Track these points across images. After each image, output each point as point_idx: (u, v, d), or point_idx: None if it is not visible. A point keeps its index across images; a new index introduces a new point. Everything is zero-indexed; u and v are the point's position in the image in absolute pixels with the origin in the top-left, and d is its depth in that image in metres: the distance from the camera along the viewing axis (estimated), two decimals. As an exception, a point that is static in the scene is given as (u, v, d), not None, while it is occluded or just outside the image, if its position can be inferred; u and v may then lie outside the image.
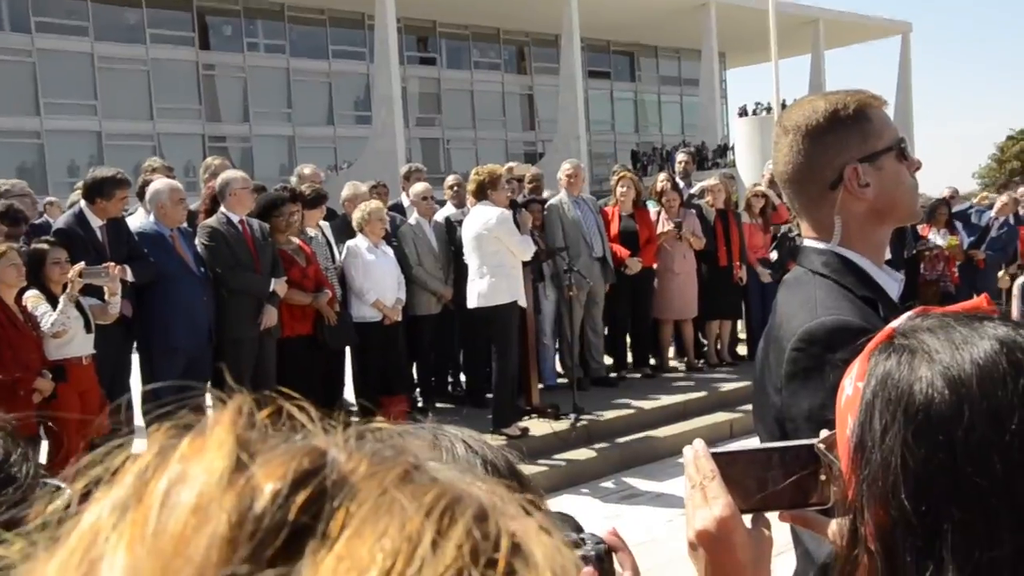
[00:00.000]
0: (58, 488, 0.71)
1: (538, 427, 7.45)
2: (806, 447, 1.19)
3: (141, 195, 6.97)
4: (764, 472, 1.18)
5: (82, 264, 5.49)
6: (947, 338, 0.91)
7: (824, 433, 1.20)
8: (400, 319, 7.59)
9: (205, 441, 0.37)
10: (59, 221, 6.43)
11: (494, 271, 7.04)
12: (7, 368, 5.06)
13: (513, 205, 7.11)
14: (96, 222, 6.17)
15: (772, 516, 1.19)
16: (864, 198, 1.68)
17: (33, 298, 5.44)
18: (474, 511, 0.36)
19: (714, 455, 1.16)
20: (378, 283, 7.42)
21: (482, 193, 7.08)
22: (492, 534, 0.35)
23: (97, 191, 6.16)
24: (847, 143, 1.67)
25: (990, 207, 11.11)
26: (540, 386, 8.16)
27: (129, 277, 5.96)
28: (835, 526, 1.13)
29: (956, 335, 0.91)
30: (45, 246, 5.61)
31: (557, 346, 9.10)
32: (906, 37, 49.43)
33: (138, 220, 6.94)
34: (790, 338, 1.60)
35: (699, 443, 1.19)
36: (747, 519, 1.15)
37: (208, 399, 0.46)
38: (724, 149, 40.74)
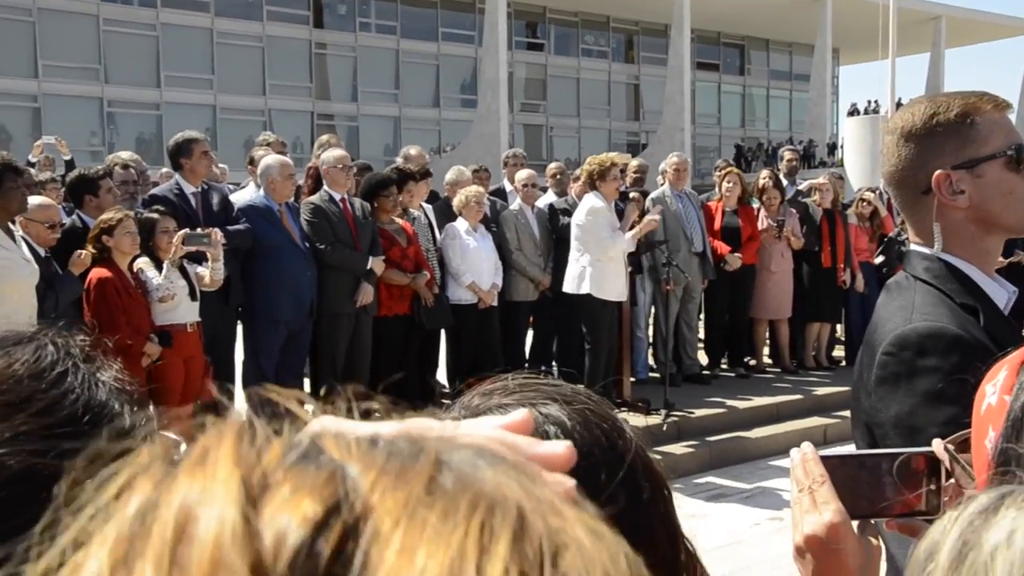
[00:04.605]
0: (177, 443, 0.73)
1: (628, 420, 7.43)
2: (917, 454, 1.18)
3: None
4: (873, 478, 1.17)
5: (186, 230, 5.67)
6: None
7: (936, 443, 1.17)
8: (495, 303, 7.64)
9: (206, 474, 0.32)
10: (156, 188, 6.69)
11: (592, 262, 7.09)
12: (122, 332, 5.27)
13: (624, 197, 7.12)
14: (189, 188, 6.37)
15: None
16: (957, 206, 1.62)
17: (143, 264, 5.65)
18: (513, 519, 0.32)
19: (823, 459, 1.15)
20: (474, 266, 7.49)
21: (592, 184, 7.17)
22: (535, 541, 0.32)
23: (179, 153, 6.39)
24: (942, 148, 1.62)
25: None
26: (632, 379, 8.13)
27: (219, 239, 6.02)
28: None
29: None
30: (155, 215, 5.80)
31: (651, 340, 9.05)
32: (1034, 38, 47.46)
33: (248, 193, 7.15)
34: (882, 342, 1.58)
35: (808, 446, 1.17)
36: (854, 526, 1.13)
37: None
38: (832, 148, 39.78)
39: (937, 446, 1.16)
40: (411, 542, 0.30)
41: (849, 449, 1.36)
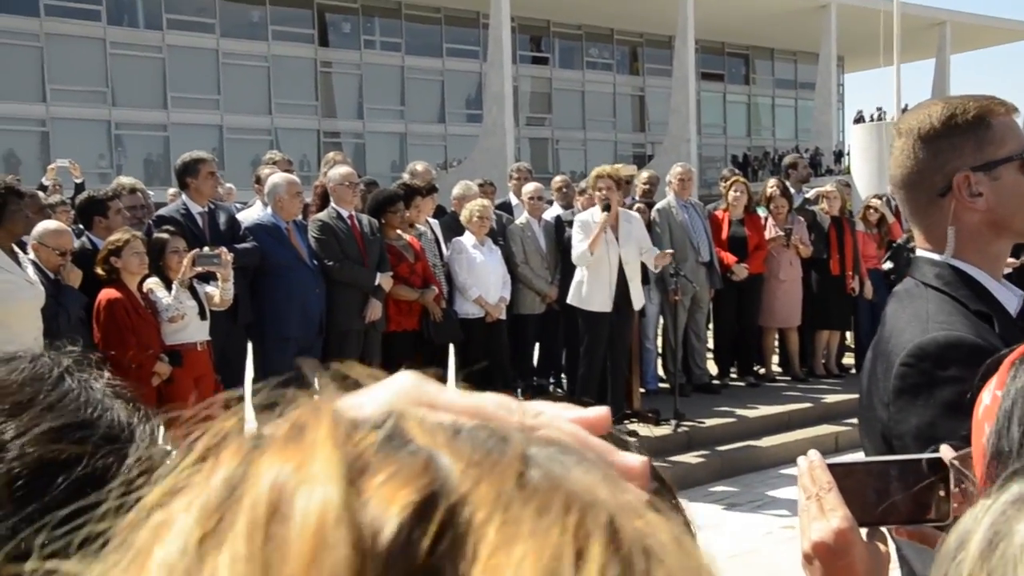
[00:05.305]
0: (167, 452, 0.77)
1: (638, 431, 7.42)
2: (925, 461, 1.17)
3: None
4: (881, 485, 1.16)
5: (196, 251, 5.70)
6: None
7: (945, 449, 1.17)
8: (503, 317, 7.65)
9: (305, 452, 0.32)
10: (162, 209, 6.73)
11: (580, 272, 7.28)
12: (132, 352, 5.29)
13: (606, 208, 7.16)
14: (196, 208, 6.40)
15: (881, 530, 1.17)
16: (976, 208, 1.61)
17: (152, 285, 5.67)
18: (605, 520, 0.31)
19: (830, 466, 1.15)
20: (482, 280, 7.50)
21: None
22: (626, 545, 0.31)
23: (186, 173, 6.44)
24: (961, 150, 1.61)
25: None
26: (641, 390, 8.12)
27: (229, 258, 6.06)
28: None
29: None
30: (165, 236, 5.83)
31: (660, 350, 9.04)
32: (1039, 42, 47.36)
33: (256, 212, 7.18)
34: (899, 352, 1.55)
35: (814, 454, 1.17)
36: (862, 533, 1.13)
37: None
38: (839, 156, 39.75)
39: (945, 451, 1.15)
40: (507, 536, 0.30)
41: (858, 456, 1.36)
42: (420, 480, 0.31)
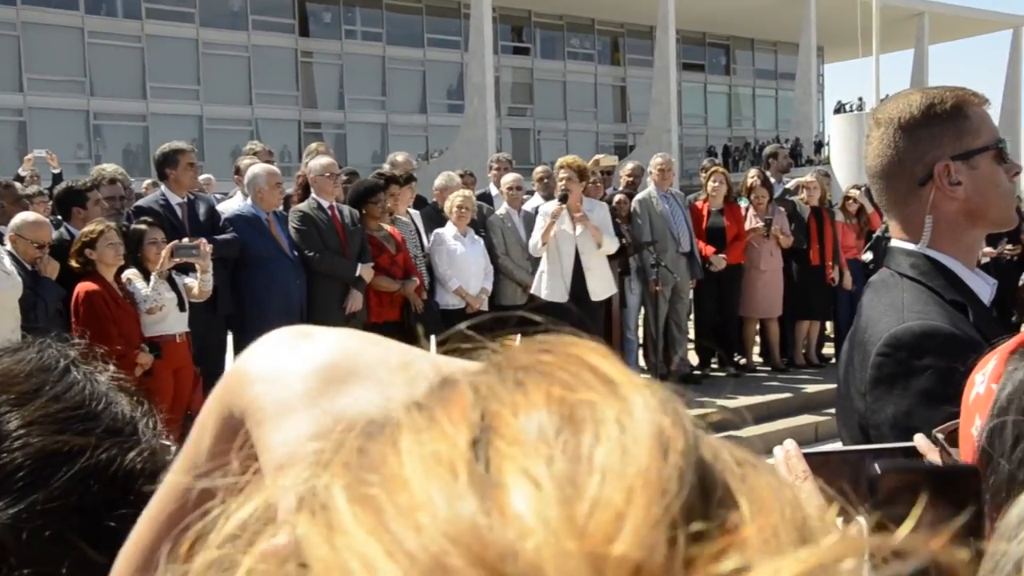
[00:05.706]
0: (168, 448, 0.78)
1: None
2: (900, 450, 1.18)
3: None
4: (857, 474, 1.17)
5: (175, 242, 5.66)
6: None
7: (919, 439, 1.17)
8: (485, 308, 7.64)
9: (628, 386, 0.36)
10: (141, 200, 6.69)
11: (544, 262, 7.48)
12: (112, 342, 5.25)
13: (563, 199, 7.27)
14: (175, 199, 6.37)
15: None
16: (955, 197, 1.63)
17: (131, 276, 5.63)
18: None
19: (806, 455, 1.16)
20: (462, 271, 7.50)
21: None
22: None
23: (165, 163, 6.41)
24: (941, 139, 1.62)
25: None
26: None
27: (208, 250, 6.03)
28: None
29: None
30: (143, 227, 5.78)
31: (641, 341, 9.05)
32: (1017, 32, 47.57)
33: (236, 203, 7.14)
34: (875, 342, 1.57)
35: (790, 443, 1.18)
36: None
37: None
38: (819, 146, 39.90)
39: (919, 440, 1.16)
40: (745, 471, 0.35)
41: (836, 446, 1.37)
42: (686, 423, 0.36)
